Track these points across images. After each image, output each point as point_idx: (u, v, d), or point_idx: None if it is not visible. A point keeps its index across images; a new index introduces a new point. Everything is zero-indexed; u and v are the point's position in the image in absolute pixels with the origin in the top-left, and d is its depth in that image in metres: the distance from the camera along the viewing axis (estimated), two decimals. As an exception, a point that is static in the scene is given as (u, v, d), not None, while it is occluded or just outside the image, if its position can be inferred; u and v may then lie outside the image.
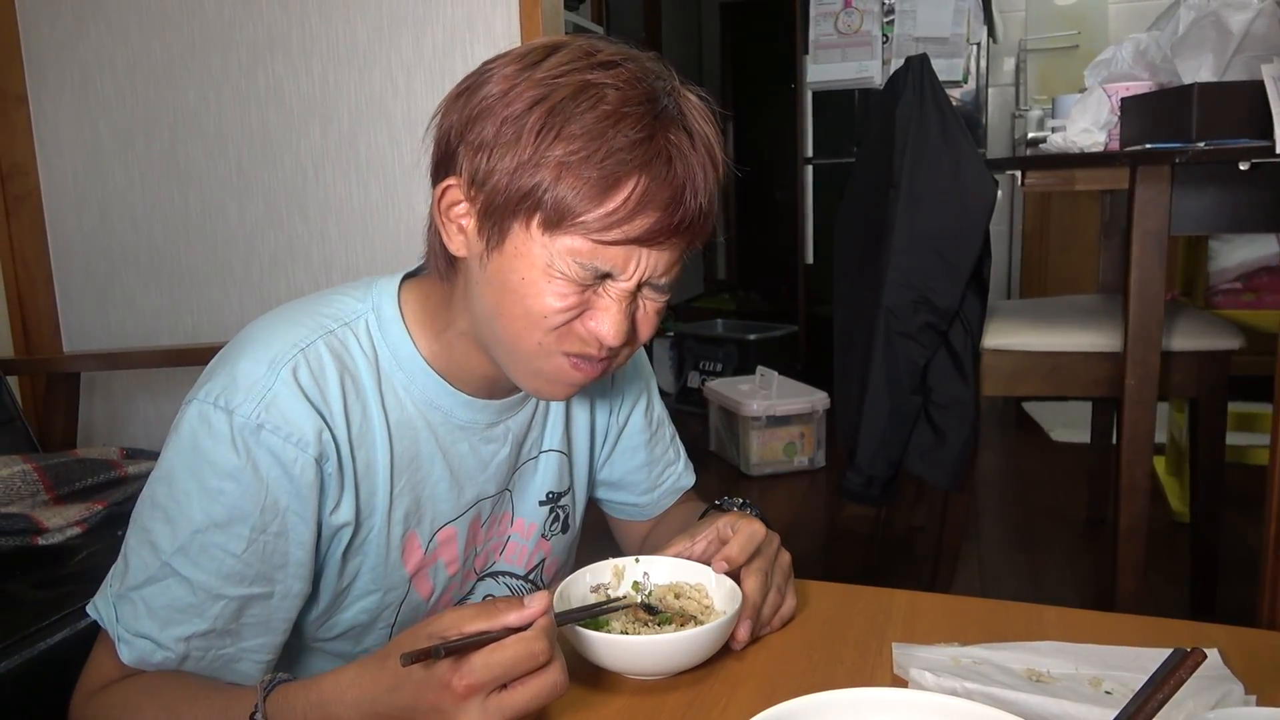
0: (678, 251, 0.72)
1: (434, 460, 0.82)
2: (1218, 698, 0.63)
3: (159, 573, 0.73)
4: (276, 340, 0.75)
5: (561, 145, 0.66)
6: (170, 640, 0.72)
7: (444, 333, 0.80)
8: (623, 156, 0.66)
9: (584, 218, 0.67)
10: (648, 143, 0.67)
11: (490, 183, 0.69)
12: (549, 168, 0.67)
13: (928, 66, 1.77)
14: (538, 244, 0.69)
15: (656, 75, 0.71)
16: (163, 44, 2.15)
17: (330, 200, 2.12)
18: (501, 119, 0.68)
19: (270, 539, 0.73)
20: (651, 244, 0.69)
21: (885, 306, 1.77)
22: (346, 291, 0.82)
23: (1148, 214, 1.48)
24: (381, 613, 0.84)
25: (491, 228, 0.70)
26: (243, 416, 0.71)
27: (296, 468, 0.72)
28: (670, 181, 0.68)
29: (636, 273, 0.70)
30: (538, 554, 0.94)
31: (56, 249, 2.30)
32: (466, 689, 0.58)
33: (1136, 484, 1.56)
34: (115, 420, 2.34)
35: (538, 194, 0.67)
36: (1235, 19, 1.51)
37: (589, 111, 0.66)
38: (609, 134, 0.66)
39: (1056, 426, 3.41)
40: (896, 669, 0.70)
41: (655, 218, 0.68)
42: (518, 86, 0.68)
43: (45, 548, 1.34)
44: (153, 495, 0.74)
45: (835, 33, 3.62)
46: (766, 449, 3.05)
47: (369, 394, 0.78)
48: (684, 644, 0.69)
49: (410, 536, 0.82)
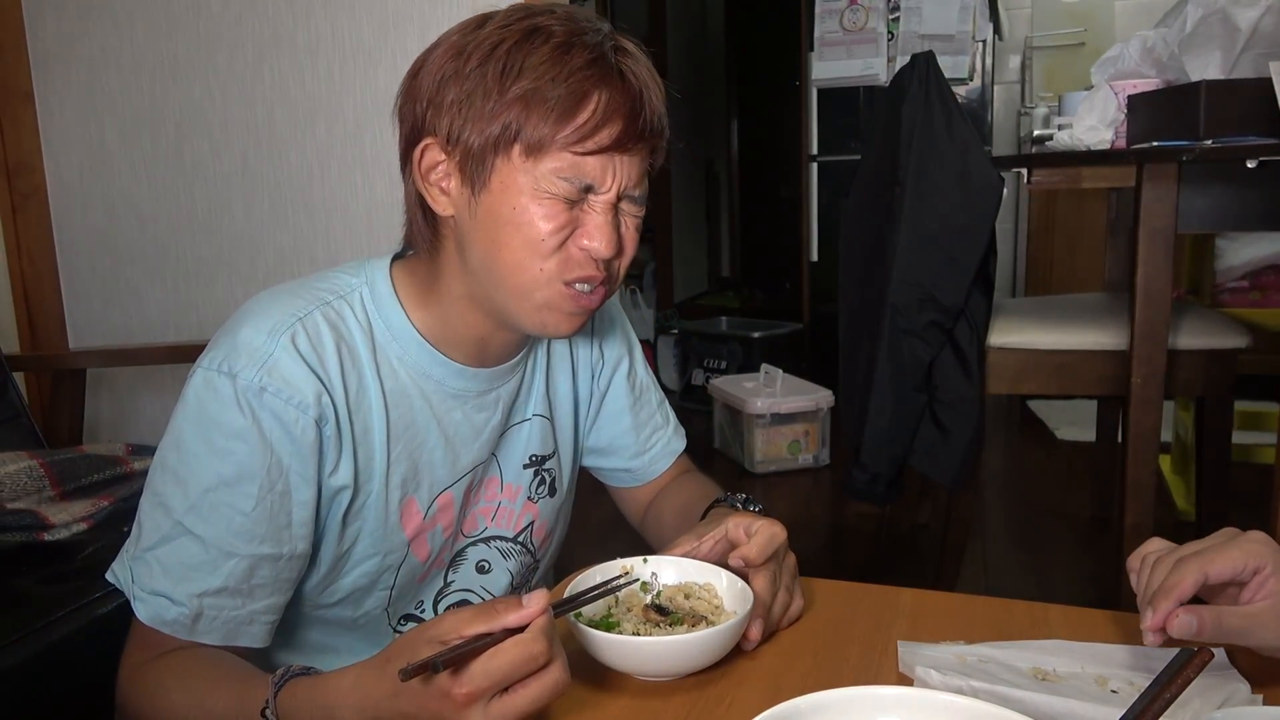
0: (644, 162, 0.78)
1: (429, 427, 0.85)
2: (1223, 697, 0.63)
3: (172, 532, 0.76)
4: (275, 310, 0.79)
5: (525, 78, 0.73)
6: (184, 596, 0.75)
7: (437, 303, 0.84)
8: (582, 74, 0.73)
9: (559, 135, 0.73)
10: (601, 61, 0.74)
11: (467, 131, 0.75)
12: (519, 101, 0.73)
13: (933, 63, 1.77)
14: (522, 172, 0.75)
15: (589, 18, 0.78)
16: (168, 41, 2.15)
17: (335, 197, 2.12)
18: (465, 76, 0.75)
19: (276, 498, 0.76)
20: (622, 150, 0.75)
21: (890, 304, 1.76)
22: (340, 269, 0.86)
23: (1154, 212, 1.48)
24: (380, 576, 0.87)
25: (475, 171, 0.76)
26: (246, 380, 0.75)
27: (298, 428, 0.76)
28: (627, 91, 0.75)
29: (614, 182, 0.76)
30: (525, 516, 0.96)
31: (62, 245, 2.31)
32: (467, 697, 0.58)
33: (1142, 482, 1.55)
34: (121, 416, 2.34)
35: (514, 126, 0.73)
36: (1243, 16, 1.50)
37: (542, 45, 0.73)
38: (564, 59, 0.73)
39: (1062, 425, 3.40)
40: (902, 667, 0.70)
41: (621, 125, 0.74)
42: (469, 47, 0.75)
43: (51, 543, 1.34)
44: (163, 460, 0.78)
45: (840, 30, 3.61)
46: (771, 447, 3.05)
47: (364, 363, 0.81)
48: (697, 645, 0.69)
49: (409, 502, 0.85)
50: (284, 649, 0.88)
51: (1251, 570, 0.63)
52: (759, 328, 3.93)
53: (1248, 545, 0.64)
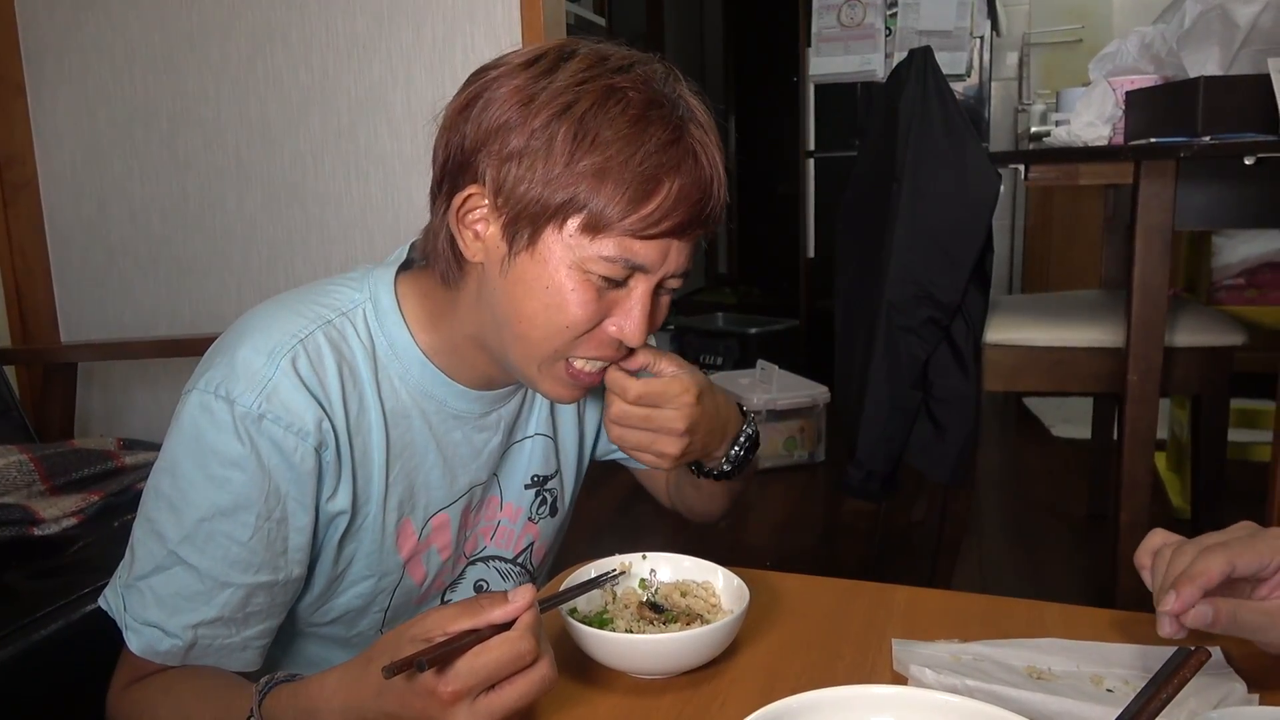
0: (694, 245, 0.75)
1: (427, 448, 0.83)
2: (1220, 697, 0.63)
3: (166, 561, 0.74)
4: (275, 330, 0.75)
5: (597, 152, 0.68)
6: (177, 628, 0.74)
7: (447, 332, 0.81)
8: (658, 159, 0.68)
9: (625, 221, 0.69)
10: (677, 144, 0.70)
11: (521, 191, 0.70)
12: (586, 176, 0.68)
13: (931, 60, 1.76)
14: (572, 246, 0.70)
15: (664, 77, 0.73)
16: (162, 33, 2.13)
17: (329, 191, 2.11)
18: (530, 130, 0.69)
19: (273, 525, 0.74)
20: (683, 236, 0.72)
21: (887, 301, 1.76)
22: (343, 281, 0.83)
23: (1152, 209, 1.47)
24: (375, 598, 0.85)
25: (518, 233, 0.71)
26: (244, 406, 0.72)
27: (297, 456, 0.73)
28: (699, 177, 0.71)
29: (666, 265, 0.73)
30: (525, 537, 0.95)
31: (54, 239, 2.29)
32: (452, 695, 0.57)
33: (1138, 480, 1.55)
34: (113, 411, 2.33)
35: (579, 201, 0.69)
36: (1242, 12, 1.50)
37: (618, 117, 0.68)
38: (640, 138, 0.68)
39: (1057, 422, 3.40)
40: (896, 665, 0.70)
41: (688, 213, 0.70)
42: (539, 96, 0.69)
43: (41, 538, 1.34)
44: (157, 486, 0.75)
45: (838, 25, 3.60)
46: (767, 443, 3.05)
47: (365, 383, 0.79)
48: (689, 643, 0.69)
49: (404, 524, 0.84)
50: (280, 660, 0.88)
51: (1275, 567, 0.63)
52: (755, 324, 3.93)
53: (1272, 541, 0.63)
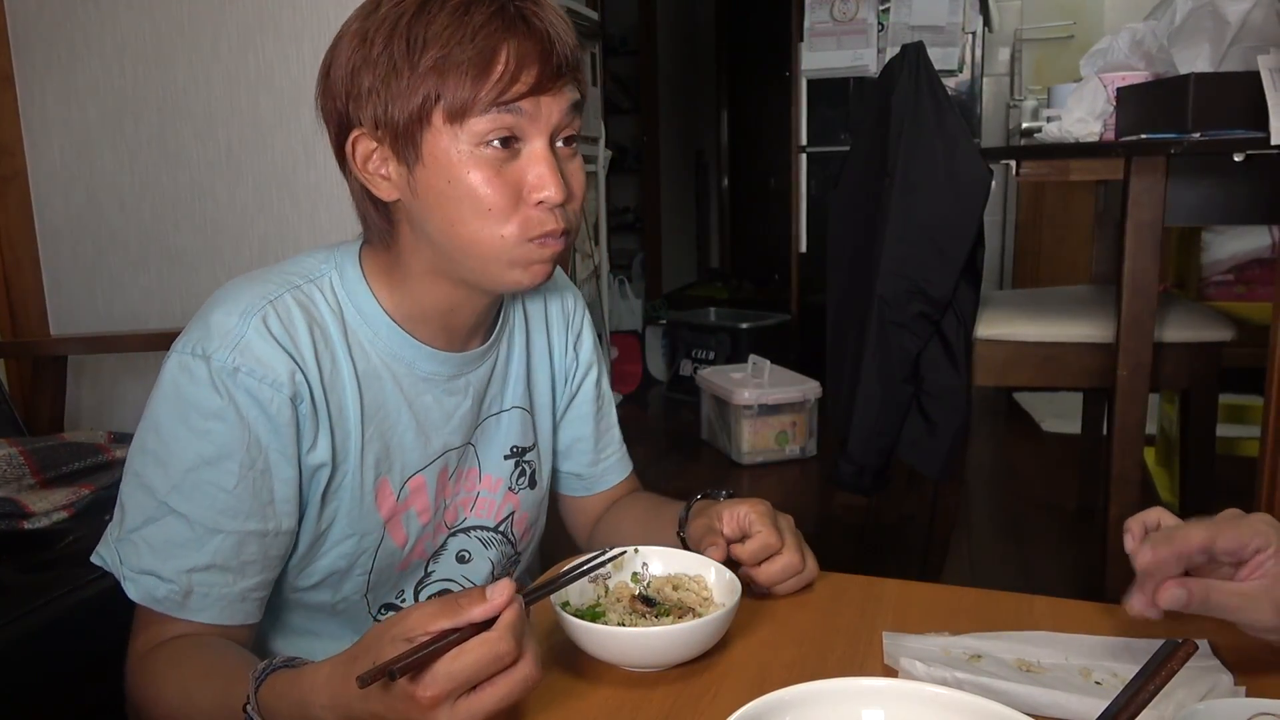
0: (567, 100, 0.77)
1: (400, 410, 0.86)
2: (1207, 688, 0.63)
3: (156, 512, 0.77)
4: (245, 294, 0.80)
5: (433, 48, 0.73)
6: (172, 572, 0.76)
7: (402, 282, 0.84)
8: (486, 32, 0.73)
9: (479, 94, 0.73)
10: (501, 13, 0.74)
11: (389, 113, 0.75)
12: (432, 71, 0.73)
13: (923, 55, 1.76)
14: (449, 139, 0.75)
15: None
16: (152, 24, 2.12)
17: (321, 184, 2.10)
18: (374, 60, 0.75)
19: (258, 475, 0.77)
20: (541, 92, 0.75)
21: (879, 295, 1.76)
22: (310, 254, 0.87)
23: (1142, 205, 1.48)
24: (358, 559, 0.87)
25: (406, 148, 0.76)
26: (219, 361, 0.76)
27: (273, 407, 0.77)
28: (535, 35, 0.75)
29: (545, 122, 0.76)
30: (506, 506, 0.97)
31: (44, 231, 2.28)
32: (432, 700, 0.57)
33: (1127, 475, 1.56)
34: (103, 404, 2.32)
35: (433, 95, 0.73)
36: (1232, 9, 1.50)
37: (440, 12, 0.73)
38: (464, 21, 0.73)
39: (1047, 417, 3.41)
40: (887, 658, 0.70)
41: (536, 69, 0.74)
42: (370, 31, 0.75)
43: (31, 532, 1.33)
44: (142, 444, 0.78)
45: (831, 20, 3.60)
46: (758, 437, 3.05)
47: (337, 344, 0.82)
48: (680, 636, 0.69)
49: (382, 483, 0.86)
50: (268, 631, 0.89)
51: (1254, 549, 0.63)
52: (747, 318, 3.93)
53: (1255, 524, 0.64)
